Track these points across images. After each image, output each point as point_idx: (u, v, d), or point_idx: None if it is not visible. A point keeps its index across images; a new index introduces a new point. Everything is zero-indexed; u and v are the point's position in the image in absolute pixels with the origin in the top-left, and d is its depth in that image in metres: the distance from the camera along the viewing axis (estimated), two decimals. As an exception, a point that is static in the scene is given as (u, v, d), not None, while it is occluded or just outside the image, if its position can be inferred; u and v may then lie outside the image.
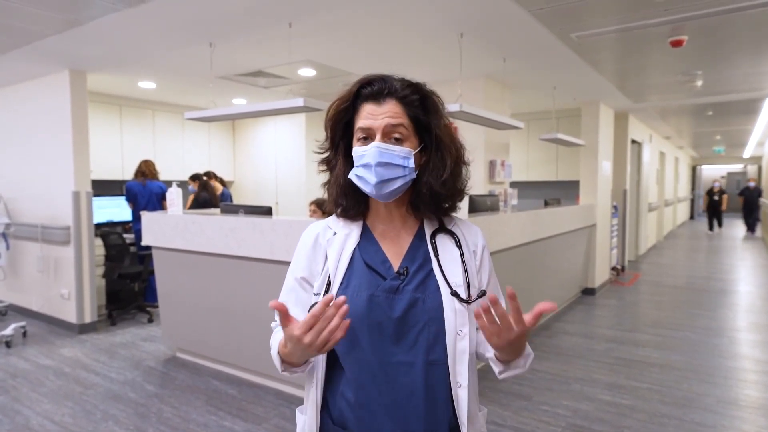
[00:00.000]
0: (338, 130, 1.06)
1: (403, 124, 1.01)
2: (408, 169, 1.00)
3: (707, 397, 3.23)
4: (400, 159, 1.00)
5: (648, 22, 3.29)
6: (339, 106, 1.04)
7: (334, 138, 1.08)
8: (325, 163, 1.11)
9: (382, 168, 0.98)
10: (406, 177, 1.00)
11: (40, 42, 3.71)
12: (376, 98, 1.01)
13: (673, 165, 13.53)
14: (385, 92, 1.02)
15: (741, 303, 5.87)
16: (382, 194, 1.01)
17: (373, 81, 1.03)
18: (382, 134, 1.00)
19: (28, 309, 5.20)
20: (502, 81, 4.99)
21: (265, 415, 3.00)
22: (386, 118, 1.00)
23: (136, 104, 6.13)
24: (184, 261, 3.69)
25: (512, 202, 5.38)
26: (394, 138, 1.00)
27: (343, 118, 1.05)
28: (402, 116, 1.01)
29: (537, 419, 2.95)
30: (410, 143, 1.02)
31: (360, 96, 1.03)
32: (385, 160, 0.98)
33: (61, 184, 4.67)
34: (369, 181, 0.99)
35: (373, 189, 0.99)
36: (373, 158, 0.98)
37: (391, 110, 1.00)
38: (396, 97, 1.01)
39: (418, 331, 0.98)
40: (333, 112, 1.05)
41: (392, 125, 1.00)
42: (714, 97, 6.02)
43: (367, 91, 1.02)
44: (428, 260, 1.04)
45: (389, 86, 1.02)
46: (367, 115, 1.01)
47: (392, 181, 1.00)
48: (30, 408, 3.10)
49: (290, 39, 3.62)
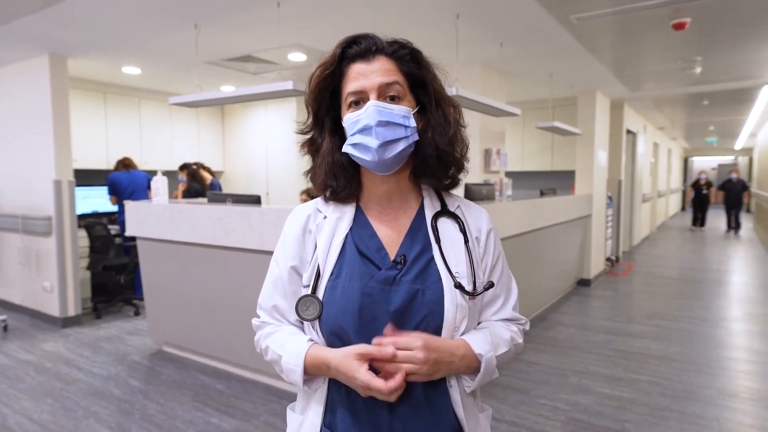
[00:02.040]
0: (323, 101, 0.94)
1: (397, 81, 0.89)
2: (410, 129, 0.89)
3: (708, 390, 3.17)
4: (400, 118, 0.88)
5: (650, 3, 3.18)
6: (322, 73, 0.92)
7: (318, 112, 0.95)
8: (309, 144, 0.98)
9: (383, 128, 0.86)
10: (409, 138, 0.89)
11: (16, 23, 3.53)
12: (365, 56, 0.90)
13: (666, 156, 13.52)
14: (374, 49, 0.90)
15: (736, 293, 5.84)
16: (386, 160, 0.88)
17: (358, 39, 0.92)
18: (378, 94, 0.88)
19: (9, 302, 5.04)
20: (498, 68, 4.86)
21: (254, 411, 2.89)
22: (379, 77, 0.88)
23: (121, 91, 5.94)
24: (170, 252, 3.55)
25: (507, 192, 5.28)
26: (389, 97, 0.89)
27: (328, 85, 0.92)
28: (395, 72, 0.90)
29: (535, 413, 2.87)
30: (408, 102, 0.91)
31: (345, 57, 0.91)
32: (386, 118, 0.87)
33: (42, 173, 4.50)
34: (369, 146, 0.86)
35: (375, 154, 0.87)
36: (371, 118, 0.86)
37: (382, 67, 0.89)
38: (385, 53, 0.90)
39: (415, 327, 0.87)
40: (316, 80, 0.92)
41: (386, 83, 0.88)
42: (711, 85, 5.95)
43: (353, 50, 0.91)
44: (428, 246, 0.93)
45: (376, 42, 0.91)
46: (356, 76, 0.89)
47: (396, 143, 0.87)
48: (7, 405, 2.96)
49: (279, 21, 3.47)
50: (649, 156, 10.38)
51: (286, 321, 0.97)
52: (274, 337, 0.95)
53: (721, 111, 8.57)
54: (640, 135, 8.71)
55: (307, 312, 0.90)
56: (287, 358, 0.89)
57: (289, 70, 5.11)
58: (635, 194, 8.81)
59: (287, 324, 0.96)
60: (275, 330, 0.96)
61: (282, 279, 0.96)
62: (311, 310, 0.89)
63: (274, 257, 1.00)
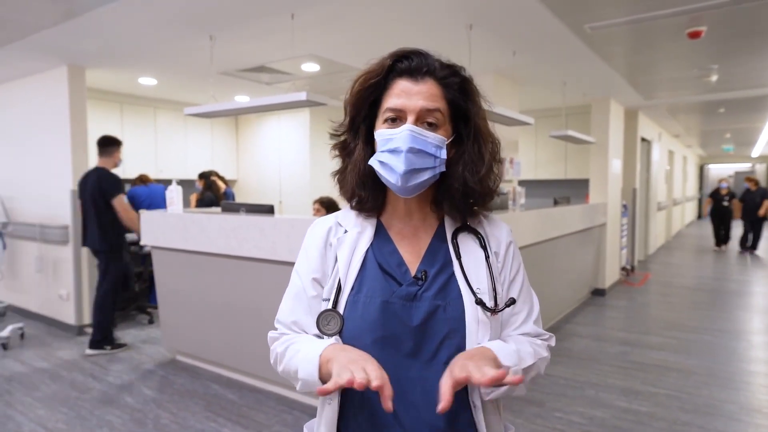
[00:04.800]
0: (362, 109, 0.91)
1: (439, 109, 0.87)
2: (439, 160, 0.87)
3: (730, 404, 3.09)
4: (432, 148, 0.86)
5: (666, 12, 3.15)
6: (367, 80, 0.89)
7: (355, 118, 0.93)
8: (341, 147, 0.96)
9: (413, 155, 0.84)
10: (435, 169, 0.87)
11: (37, 36, 3.60)
12: (413, 75, 0.88)
13: (681, 164, 13.33)
14: (424, 70, 0.88)
15: (757, 304, 5.71)
16: (408, 187, 0.87)
17: (411, 55, 0.89)
18: (416, 117, 0.86)
19: (26, 310, 5.11)
20: (511, 76, 4.85)
21: (266, 421, 2.87)
22: (422, 100, 0.86)
23: (137, 101, 6.03)
24: (184, 261, 3.58)
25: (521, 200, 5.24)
26: (427, 123, 0.86)
27: (370, 95, 0.90)
28: (439, 100, 0.87)
29: (551, 427, 2.82)
30: (444, 131, 0.88)
31: (394, 70, 0.89)
32: (418, 146, 0.85)
33: (60, 183, 4.57)
34: (395, 169, 0.85)
35: (399, 179, 0.85)
36: (404, 142, 0.84)
37: (428, 91, 0.87)
38: (435, 77, 0.88)
39: (437, 344, 0.85)
40: (359, 87, 0.90)
41: (428, 109, 0.86)
42: (728, 93, 5.87)
43: (404, 65, 0.88)
44: (449, 263, 0.91)
45: (429, 63, 0.88)
46: (400, 93, 0.87)
47: (421, 172, 0.86)
48: (23, 414, 2.99)
49: (293, 32, 3.50)
50: (664, 164, 10.25)
51: (305, 333, 0.94)
52: (292, 341, 0.92)
53: (738, 118, 8.44)
54: (654, 143, 8.61)
55: (328, 327, 0.88)
56: (308, 367, 0.85)
57: (302, 80, 5.15)
58: (650, 203, 8.69)
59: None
60: (295, 336, 0.93)
61: (305, 292, 0.94)
62: (332, 325, 0.88)
63: (296, 270, 0.98)
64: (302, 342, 0.90)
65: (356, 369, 0.74)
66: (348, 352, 0.81)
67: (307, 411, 2.99)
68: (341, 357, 0.79)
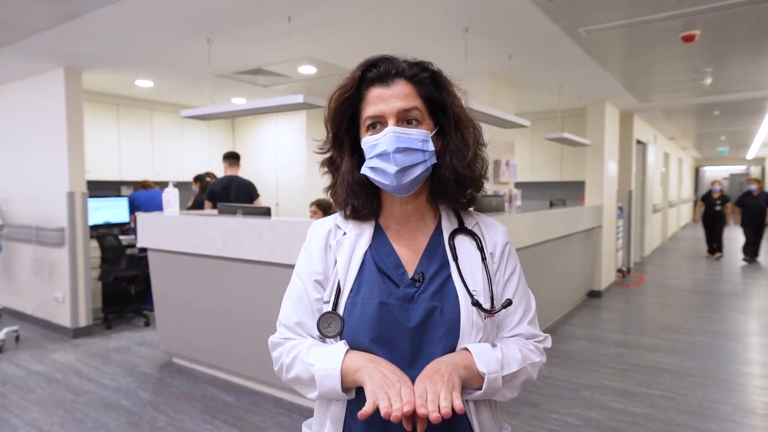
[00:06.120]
0: (342, 124, 0.94)
1: (416, 107, 0.90)
2: (428, 153, 0.89)
3: (724, 405, 3.11)
4: (418, 143, 0.88)
5: (660, 16, 3.18)
6: (342, 95, 0.92)
7: (337, 133, 0.96)
8: (328, 163, 0.98)
9: (401, 154, 0.87)
10: (426, 162, 0.89)
11: (34, 38, 3.60)
12: (383, 80, 0.91)
13: (676, 166, 13.40)
14: (393, 72, 0.91)
15: (752, 306, 5.74)
16: (403, 185, 0.89)
17: (378, 62, 0.92)
18: (396, 119, 0.88)
19: (22, 312, 5.09)
20: (507, 79, 4.87)
21: (263, 424, 2.87)
22: (398, 101, 0.88)
23: (133, 104, 6.02)
24: (181, 263, 3.57)
25: (516, 203, 5.26)
26: (407, 121, 0.89)
27: (347, 108, 0.93)
28: (414, 97, 0.90)
29: (547, 428, 2.83)
30: (426, 126, 0.91)
31: (364, 80, 0.92)
32: (404, 145, 0.87)
33: (56, 185, 4.56)
34: (387, 171, 0.87)
35: (393, 179, 0.87)
36: (389, 144, 0.87)
37: (401, 91, 0.89)
38: (404, 76, 0.91)
39: (434, 344, 0.87)
40: (336, 103, 0.93)
41: (405, 109, 0.89)
42: (722, 96, 5.91)
43: (372, 73, 0.91)
44: (446, 264, 0.92)
45: (396, 66, 0.91)
46: (376, 100, 0.90)
47: (413, 168, 0.88)
48: (18, 416, 2.98)
49: (290, 35, 3.51)
50: (659, 166, 10.29)
51: (310, 338, 0.94)
52: (299, 350, 0.91)
53: (733, 121, 8.50)
54: (650, 145, 8.65)
55: (328, 329, 0.89)
56: (323, 366, 0.85)
57: (299, 82, 5.16)
58: (646, 205, 8.73)
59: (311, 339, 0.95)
60: (301, 342, 0.93)
61: (306, 294, 0.95)
62: (333, 327, 0.89)
63: (296, 272, 0.99)
64: (313, 352, 0.89)
65: (393, 394, 0.76)
66: (380, 366, 0.82)
67: (304, 413, 2.99)
68: (374, 374, 0.80)
